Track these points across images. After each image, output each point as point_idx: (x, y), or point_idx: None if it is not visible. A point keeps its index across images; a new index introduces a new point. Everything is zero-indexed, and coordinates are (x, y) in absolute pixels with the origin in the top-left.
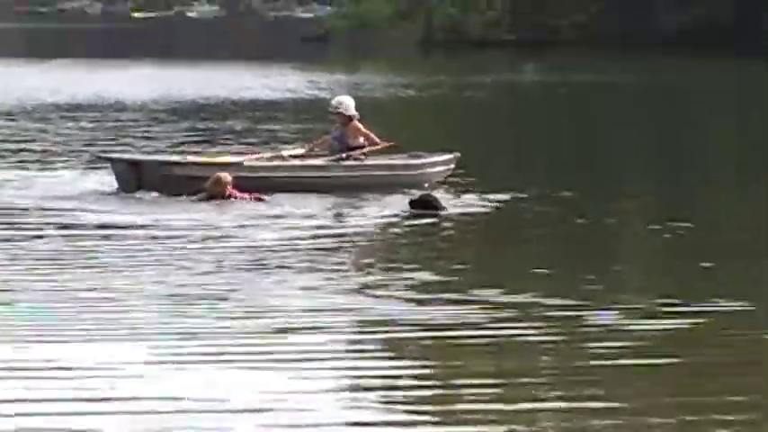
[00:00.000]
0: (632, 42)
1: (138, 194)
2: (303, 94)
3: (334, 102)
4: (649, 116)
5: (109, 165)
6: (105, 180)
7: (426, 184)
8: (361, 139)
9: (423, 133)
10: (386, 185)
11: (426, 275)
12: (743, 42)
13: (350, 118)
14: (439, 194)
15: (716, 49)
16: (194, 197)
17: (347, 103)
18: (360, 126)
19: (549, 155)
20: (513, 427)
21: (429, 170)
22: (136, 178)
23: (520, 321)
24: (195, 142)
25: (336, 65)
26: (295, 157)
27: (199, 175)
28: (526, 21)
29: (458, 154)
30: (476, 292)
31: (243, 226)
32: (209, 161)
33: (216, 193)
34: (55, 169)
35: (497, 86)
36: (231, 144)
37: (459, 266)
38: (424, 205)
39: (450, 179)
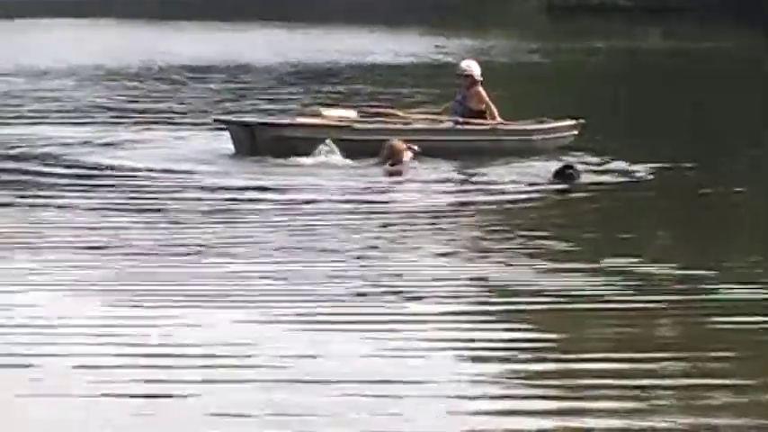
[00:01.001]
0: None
1: (261, 158)
2: (429, 59)
3: (462, 64)
4: None
5: (227, 128)
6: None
7: (550, 150)
8: (483, 106)
9: (547, 99)
10: (509, 150)
11: (556, 244)
12: None
13: (474, 81)
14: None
15: None
16: (380, 167)
17: (474, 67)
18: (482, 92)
19: (674, 123)
20: (634, 404)
21: (552, 135)
22: (249, 141)
23: (648, 293)
24: (323, 104)
25: (463, 31)
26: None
27: (309, 136)
28: None
29: (582, 120)
30: (606, 261)
31: (369, 189)
32: (320, 122)
33: (397, 162)
34: (181, 131)
35: (622, 52)
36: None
37: (590, 236)
38: (567, 176)
39: (575, 145)
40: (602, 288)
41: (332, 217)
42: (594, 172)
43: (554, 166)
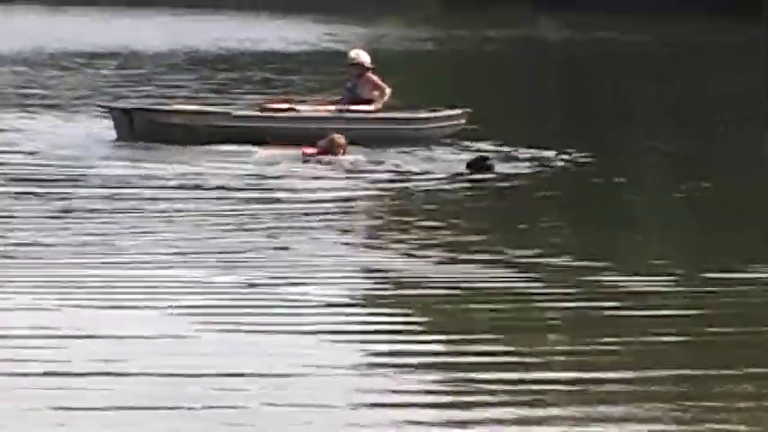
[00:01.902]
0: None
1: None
2: (322, 46)
3: (351, 53)
4: (671, 73)
5: (109, 114)
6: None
7: (435, 139)
8: (375, 93)
9: (440, 88)
10: (392, 139)
11: (457, 234)
12: None
13: (365, 69)
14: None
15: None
16: (307, 156)
17: (363, 55)
18: (374, 78)
19: (570, 112)
20: (522, 397)
21: (437, 125)
22: (128, 126)
23: (541, 281)
24: (213, 91)
25: (353, 18)
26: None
27: (185, 123)
28: None
29: (468, 109)
30: (505, 251)
31: (272, 179)
32: (197, 109)
33: (330, 153)
34: (68, 117)
35: (517, 42)
36: (249, 95)
37: (490, 227)
38: (483, 167)
39: (468, 135)
40: (498, 277)
41: (228, 206)
42: (500, 162)
43: (464, 156)
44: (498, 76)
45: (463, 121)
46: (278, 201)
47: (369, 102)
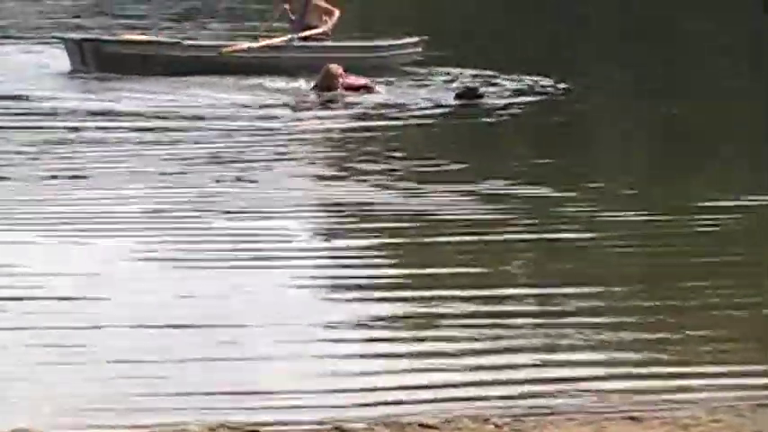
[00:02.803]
0: None
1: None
2: None
3: None
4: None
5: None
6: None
7: (394, 67)
8: (325, 17)
9: (405, 14)
10: (352, 68)
11: (426, 166)
12: None
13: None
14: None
15: None
16: (307, 90)
17: None
18: (320, 2)
19: (543, 39)
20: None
21: (396, 52)
22: (79, 57)
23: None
24: (175, 21)
25: None
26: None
27: (137, 53)
28: None
29: (425, 38)
30: (477, 184)
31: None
32: (147, 39)
33: (327, 87)
34: (23, 48)
35: None
36: (215, 22)
37: (463, 156)
38: (474, 96)
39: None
40: (465, 210)
41: (199, 141)
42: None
43: (449, 86)
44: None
45: (420, 49)
46: (252, 133)
47: (313, 27)
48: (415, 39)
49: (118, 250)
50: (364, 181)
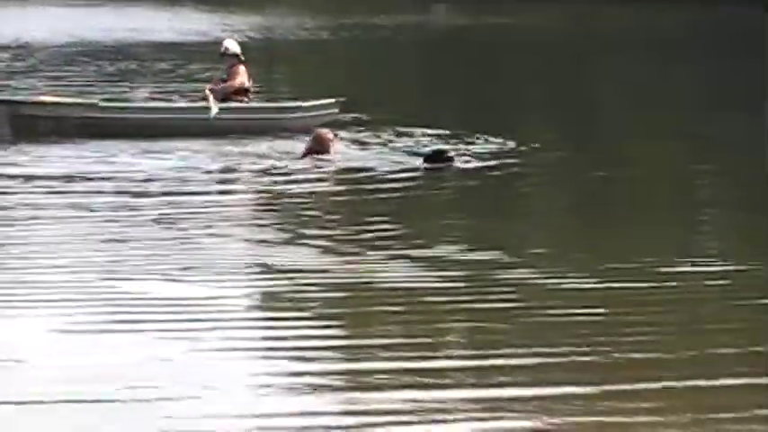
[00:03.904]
0: None
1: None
2: (214, 36)
3: (224, 43)
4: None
5: None
6: None
7: (308, 129)
8: (246, 82)
9: (332, 76)
10: (264, 129)
11: (369, 231)
12: None
13: (236, 60)
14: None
15: None
16: (307, 158)
17: (232, 45)
18: (239, 70)
19: (471, 96)
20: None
21: (309, 114)
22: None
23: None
24: (106, 83)
25: (245, 7)
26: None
27: (51, 115)
28: None
29: (342, 99)
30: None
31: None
32: (59, 101)
33: (319, 151)
34: None
35: (407, 28)
36: (143, 86)
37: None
38: (443, 159)
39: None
40: (402, 277)
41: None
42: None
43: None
44: (392, 62)
45: (337, 110)
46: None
47: (243, 91)
48: (332, 99)
49: (39, 321)
50: (308, 246)
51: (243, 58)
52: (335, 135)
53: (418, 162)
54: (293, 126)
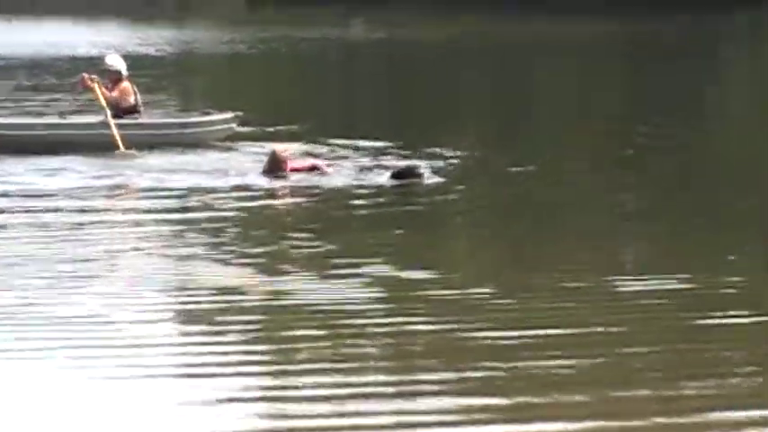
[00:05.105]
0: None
1: None
2: (130, 50)
3: (107, 60)
4: (476, 72)
5: None
6: None
7: (204, 143)
8: (131, 99)
9: (248, 89)
10: (159, 144)
11: (317, 248)
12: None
13: (120, 76)
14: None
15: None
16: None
17: (117, 62)
18: (123, 86)
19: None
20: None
21: (205, 129)
22: None
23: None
24: (22, 98)
25: (165, 22)
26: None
27: None
28: None
29: (239, 113)
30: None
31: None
32: None
33: (274, 171)
34: None
35: (326, 42)
36: (58, 102)
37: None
38: (408, 175)
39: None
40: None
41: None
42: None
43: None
44: (312, 75)
45: (234, 125)
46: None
47: (131, 108)
48: (229, 114)
49: None
50: (234, 264)
51: (127, 74)
52: (291, 154)
53: (383, 179)
54: (188, 141)
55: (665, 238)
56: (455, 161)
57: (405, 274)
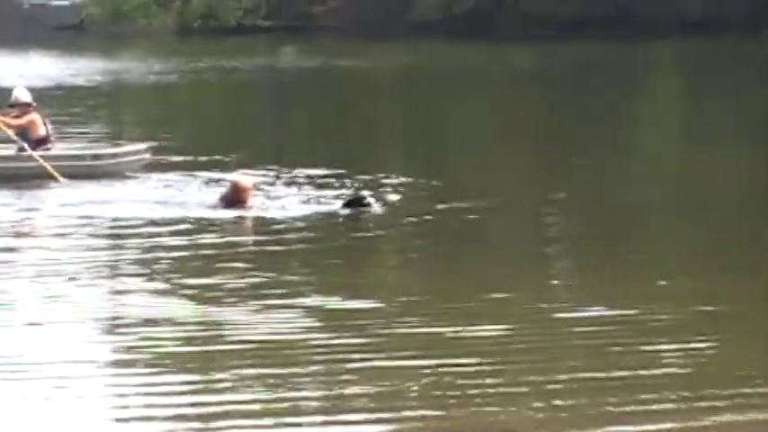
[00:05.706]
0: (385, 31)
1: None
2: (60, 82)
3: (15, 92)
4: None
5: None
6: None
7: (118, 174)
8: (41, 131)
9: (180, 120)
10: (76, 175)
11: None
12: (502, 28)
13: (27, 108)
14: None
15: (474, 36)
16: (212, 205)
17: (23, 94)
18: (31, 118)
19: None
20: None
21: (118, 160)
22: None
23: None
24: None
25: (95, 53)
26: None
27: None
28: (283, 7)
29: (153, 143)
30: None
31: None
32: None
33: (236, 201)
34: None
35: (258, 71)
36: None
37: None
38: (358, 204)
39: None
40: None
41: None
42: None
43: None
44: (243, 104)
45: (147, 156)
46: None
47: (43, 139)
48: (142, 145)
49: None
50: (180, 296)
51: (34, 105)
52: (254, 184)
53: (336, 207)
54: (101, 172)
55: (594, 265)
56: (397, 189)
57: (337, 305)
